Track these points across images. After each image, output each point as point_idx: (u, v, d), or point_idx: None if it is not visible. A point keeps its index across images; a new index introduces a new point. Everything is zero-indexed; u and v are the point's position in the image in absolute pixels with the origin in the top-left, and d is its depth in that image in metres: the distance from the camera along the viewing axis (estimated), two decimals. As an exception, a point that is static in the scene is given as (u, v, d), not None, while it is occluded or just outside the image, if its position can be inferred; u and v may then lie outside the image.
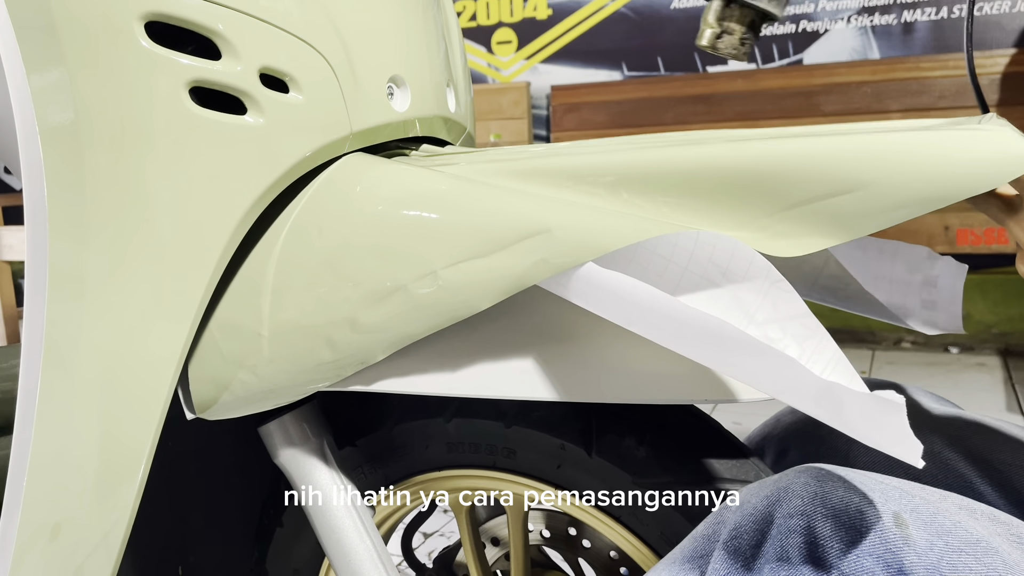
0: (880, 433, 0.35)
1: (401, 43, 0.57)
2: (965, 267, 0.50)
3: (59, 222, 0.47)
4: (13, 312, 2.54)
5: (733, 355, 0.40)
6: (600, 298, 0.43)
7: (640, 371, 0.50)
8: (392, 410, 0.68)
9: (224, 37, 0.47)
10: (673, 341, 0.41)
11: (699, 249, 0.45)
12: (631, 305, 0.42)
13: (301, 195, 0.52)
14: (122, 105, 0.47)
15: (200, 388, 0.52)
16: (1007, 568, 0.37)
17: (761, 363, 0.39)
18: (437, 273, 0.46)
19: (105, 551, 0.52)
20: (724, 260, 0.45)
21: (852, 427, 0.36)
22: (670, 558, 0.47)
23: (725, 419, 0.72)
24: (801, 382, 0.38)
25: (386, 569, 0.59)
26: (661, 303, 0.42)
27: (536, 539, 0.81)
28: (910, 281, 0.64)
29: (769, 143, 0.45)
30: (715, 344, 0.40)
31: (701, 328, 0.40)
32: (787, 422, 0.76)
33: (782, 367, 0.38)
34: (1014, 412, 2.39)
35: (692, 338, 0.41)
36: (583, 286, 0.44)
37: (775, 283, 0.44)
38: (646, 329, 0.42)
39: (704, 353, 0.41)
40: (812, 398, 0.38)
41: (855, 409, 0.36)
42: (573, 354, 0.50)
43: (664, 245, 0.46)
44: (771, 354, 0.39)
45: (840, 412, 0.36)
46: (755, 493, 0.44)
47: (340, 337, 0.49)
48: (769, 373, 0.39)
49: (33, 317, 0.48)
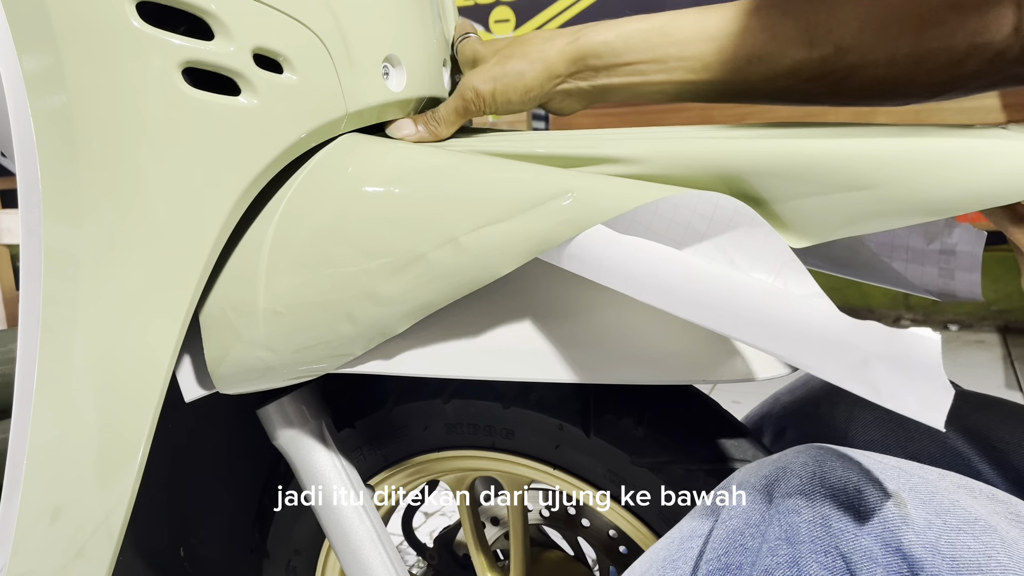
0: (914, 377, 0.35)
1: (396, 22, 0.57)
2: (984, 234, 0.50)
3: (54, 205, 0.47)
4: (13, 295, 2.53)
5: (756, 313, 0.39)
6: (613, 266, 0.43)
7: (639, 352, 0.49)
8: (391, 391, 0.68)
9: (217, 17, 0.47)
10: (688, 307, 0.41)
11: (718, 213, 0.45)
12: (647, 270, 0.42)
13: (297, 174, 0.51)
14: (114, 87, 0.46)
15: (218, 368, 0.52)
16: (1005, 546, 0.37)
17: (785, 320, 0.38)
18: (458, 240, 0.46)
19: (106, 533, 0.52)
20: (726, 219, 0.45)
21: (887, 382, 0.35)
22: (669, 537, 0.47)
23: (724, 399, 0.72)
24: (828, 336, 0.37)
25: (386, 550, 0.59)
26: (680, 264, 0.41)
27: (536, 518, 0.81)
28: (927, 250, 0.63)
29: (787, 140, 0.45)
30: (735, 305, 0.40)
31: (723, 286, 0.40)
32: (785, 402, 0.76)
33: (808, 320, 0.38)
34: (1013, 389, 2.40)
35: (710, 300, 0.40)
36: (595, 255, 0.44)
37: (787, 261, 0.44)
38: (660, 296, 0.42)
39: (722, 314, 0.40)
40: (840, 354, 0.37)
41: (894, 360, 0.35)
42: (571, 335, 0.50)
43: (684, 213, 0.46)
44: (797, 308, 0.38)
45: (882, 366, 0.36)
46: (753, 472, 0.44)
47: (360, 310, 0.48)
48: (792, 330, 0.38)
49: (29, 300, 0.48)
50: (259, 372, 0.52)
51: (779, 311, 0.39)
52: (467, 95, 0.59)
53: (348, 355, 0.50)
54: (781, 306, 0.39)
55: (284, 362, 0.51)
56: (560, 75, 0.58)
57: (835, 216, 0.44)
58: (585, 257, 0.44)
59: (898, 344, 0.35)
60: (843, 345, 0.37)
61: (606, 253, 0.43)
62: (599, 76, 0.58)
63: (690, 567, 0.44)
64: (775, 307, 0.39)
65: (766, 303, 0.39)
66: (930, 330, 0.35)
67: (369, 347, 0.50)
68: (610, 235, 0.44)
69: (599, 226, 0.44)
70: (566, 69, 0.58)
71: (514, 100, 0.59)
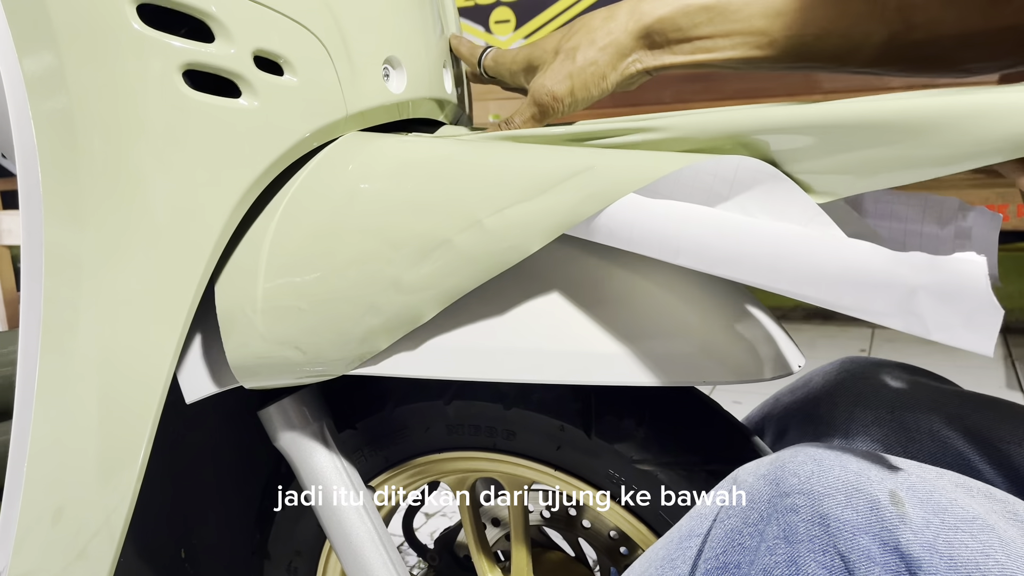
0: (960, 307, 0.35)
1: (396, 24, 0.57)
2: (999, 216, 0.50)
3: (54, 207, 0.47)
4: (14, 296, 2.53)
5: (794, 260, 0.39)
6: (644, 232, 0.43)
7: (640, 353, 0.50)
8: (392, 393, 0.68)
9: (217, 19, 0.47)
10: (724, 263, 0.41)
11: (739, 175, 0.45)
12: (680, 230, 0.42)
13: (301, 171, 0.52)
14: (115, 89, 0.46)
15: (241, 364, 0.52)
16: (1003, 545, 0.37)
17: (826, 262, 0.38)
18: (482, 222, 0.46)
19: (107, 534, 0.52)
20: (748, 179, 0.45)
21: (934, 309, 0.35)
22: (668, 537, 0.47)
23: (724, 399, 0.72)
24: (872, 272, 0.37)
25: (387, 551, 0.59)
26: (712, 220, 0.41)
27: (536, 519, 0.81)
28: (941, 234, 0.62)
29: (806, 105, 0.44)
30: (772, 255, 0.39)
31: (757, 237, 0.40)
32: (786, 402, 0.76)
33: (850, 259, 0.37)
34: (1014, 389, 2.39)
35: (746, 252, 0.40)
36: (625, 223, 0.43)
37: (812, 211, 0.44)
38: (695, 255, 0.42)
39: (759, 266, 0.40)
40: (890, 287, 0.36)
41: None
42: (572, 336, 0.50)
43: (705, 178, 0.46)
44: (837, 248, 0.38)
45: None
46: (752, 472, 0.44)
47: (384, 300, 0.48)
48: (834, 272, 0.38)
49: (30, 301, 0.48)
50: (282, 367, 0.51)
51: (819, 255, 0.39)
52: (543, 100, 0.58)
53: (373, 349, 0.50)
54: (820, 249, 0.39)
55: (309, 358, 0.51)
56: (629, 54, 0.57)
57: (856, 170, 0.43)
58: (614, 226, 0.44)
59: (943, 270, 0.35)
60: (888, 278, 0.37)
61: (636, 219, 0.43)
62: (663, 54, 0.57)
63: (689, 566, 0.44)
64: (814, 251, 0.39)
65: (804, 248, 0.39)
66: (974, 254, 0.35)
67: (395, 338, 0.49)
68: (639, 201, 0.43)
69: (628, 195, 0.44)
70: (634, 46, 0.57)
71: (593, 92, 0.58)
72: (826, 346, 2.78)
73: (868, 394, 0.69)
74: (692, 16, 0.55)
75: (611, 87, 0.58)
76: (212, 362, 0.55)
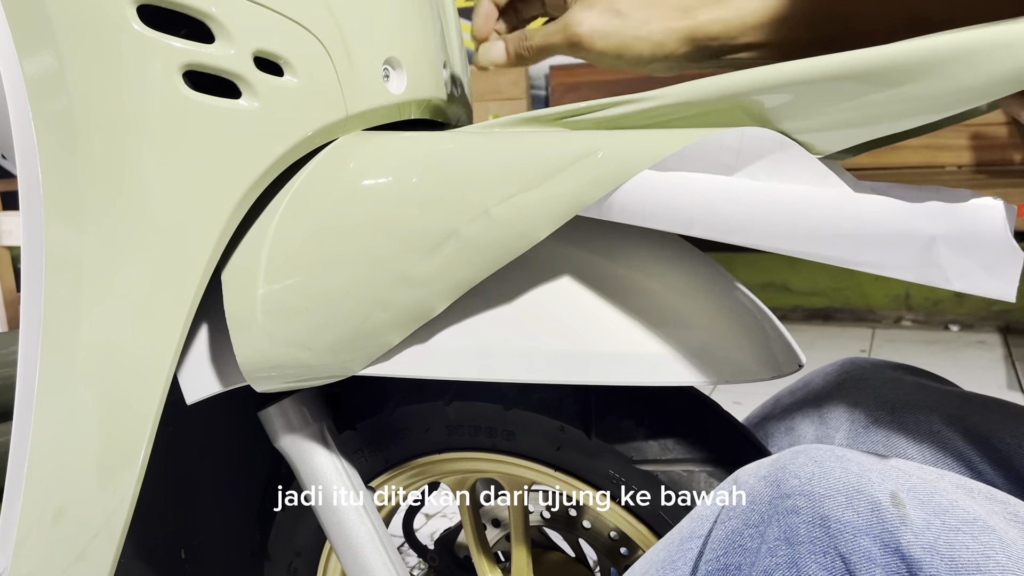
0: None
1: (396, 24, 0.57)
2: (1015, 208, 0.50)
3: (55, 207, 0.47)
4: (14, 297, 2.54)
5: (811, 220, 0.39)
6: (657, 205, 0.43)
7: (640, 354, 0.50)
8: (392, 393, 0.68)
9: (217, 20, 0.47)
10: (739, 230, 0.41)
11: (745, 144, 0.44)
12: (692, 200, 0.42)
13: (303, 170, 0.52)
14: (116, 90, 0.46)
15: (251, 367, 0.51)
16: (1004, 546, 0.37)
17: (844, 219, 0.38)
18: (490, 212, 0.46)
19: (107, 535, 0.52)
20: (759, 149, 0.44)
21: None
22: (668, 538, 0.47)
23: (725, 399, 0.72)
24: (890, 224, 0.37)
25: (388, 551, 0.59)
26: (724, 186, 0.41)
27: (536, 520, 0.81)
28: None
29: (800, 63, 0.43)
30: (788, 216, 0.39)
31: (771, 199, 0.40)
32: (786, 403, 0.76)
33: (867, 213, 0.37)
34: (1014, 390, 2.39)
35: (761, 216, 0.40)
36: (638, 198, 0.43)
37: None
38: (709, 224, 0.42)
39: (775, 229, 0.40)
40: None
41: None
42: (573, 337, 0.50)
43: (711, 151, 0.45)
44: (853, 204, 0.38)
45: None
46: (752, 473, 0.44)
47: (394, 295, 0.48)
48: (851, 228, 0.38)
49: (30, 302, 0.48)
50: (293, 368, 0.51)
51: (834, 212, 0.39)
52: (572, 38, 0.54)
53: (384, 345, 0.50)
54: (835, 207, 0.39)
55: (320, 358, 0.51)
56: (671, 55, 0.55)
57: (856, 121, 0.42)
58: (627, 202, 0.44)
59: (961, 217, 0.35)
60: (905, 230, 0.37)
61: (648, 194, 0.43)
62: (710, 61, 0.55)
63: (689, 568, 0.44)
64: (829, 209, 0.39)
65: (819, 207, 0.39)
66: (991, 198, 0.35)
67: (406, 334, 0.49)
68: (649, 175, 0.43)
69: None
70: (676, 49, 0.55)
71: (626, 58, 0.54)
72: (826, 346, 2.79)
73: (868, 395, 0.69)
74: (744, 20, 0.53)
75: (638, 70, 0.56)
76: (213, 362, 0.55)
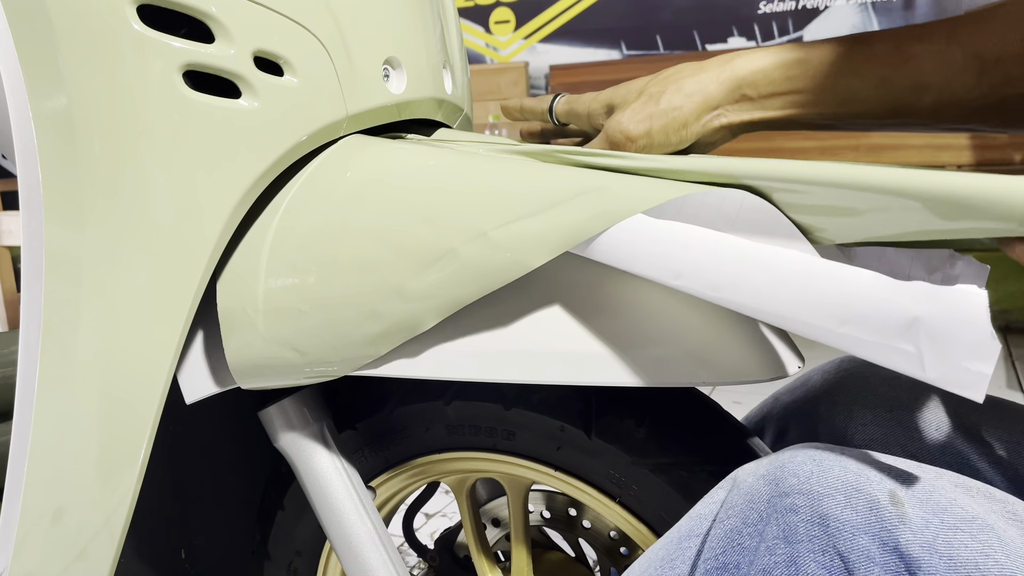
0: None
1: (396, 24, 0.57)
2: (987, 268, 0.50)
3: (55, 207, 0.47)
4: (14, 297, 2.54)
5: (798, 284, 0.39)
6: (645, 252, 0.43)
7: (640, 354, 0.50)
8: (392, 393, 0.68)
9: (217, 20, 0.47)
10: (727, 287, 0.41)
11: (742, 214, 0.45)
12: (682, 252, 0.42)
13: (302, 172, 0.52)
14: (115, 89, 0.46)
15: (239, 364, 0.52)
16: (1002, 545, 0.37)
17: (827, 288, 0.38)
18: (487, 234, 0.46)
19: (107, 535, 0.52)
20: (734, 211, 0.45)
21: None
22: (667, 537, 0.47)
23: (724, 399, 0.72)
24: (874, 298, 0.37)
25: (387, 551, 0.59)
26: (717, 243, 0.41)
27: (536, 520, 0.81)
28: (929, 279, 0.62)
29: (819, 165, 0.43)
30: (778, 276, 0.39)
31: (764, 261, 0.39)
32: (786, 402, 0.76)
33: (852, 284, 0.37)
34: (1014, 389, 2.39)
35: (750, 276, 0.40)
36: (626, 243, 0.43)
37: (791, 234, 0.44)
38: (696, 278, 0.42)
39: (761, 291, 0.40)
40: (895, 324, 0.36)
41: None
42: (573, 337, 0.50)
43: (708, 211, 0.46)
44: (838, 274, 0.38)
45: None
46: (751, 472, 0.44)
47: (387, 307, 0.48)
48: (835, 300, 0.38)
49: (30, 302, 0.48)
50: (281, 369, 0.51)
51: (821, 280, 0.39)
52: (617, 137, 0.56)
53: (372, 355, 0.50)
54: (822, 274, 0.39)
55: (307, 360, 0.51)
56: (718, 106, 0.56)
57: (864, 228, 0.43)
58: (615, 245, 0.44)
59: (945, 301, 0.35)
60: (888, 306, 0.36)
61: (637, 240, 0.43)
62: (754, 107, 0.56)
63: (688, 567, 0.44)
64: (816, 276, 0.39)
65: (806, 273, 0.39)
66: (976, 287, 0.34)
67: (394, 346, 0.49)
68: (641, 221, 0.43)
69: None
70: (723, 99, 0.56)
71: (672, 138, 0.56)
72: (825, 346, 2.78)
73: (867, 393, 0.69)
74: (787, 69, 0.54)
75: (691, 138, 0.57)
76: (212, 362, 0.55)
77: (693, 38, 3.37)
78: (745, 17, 3.33)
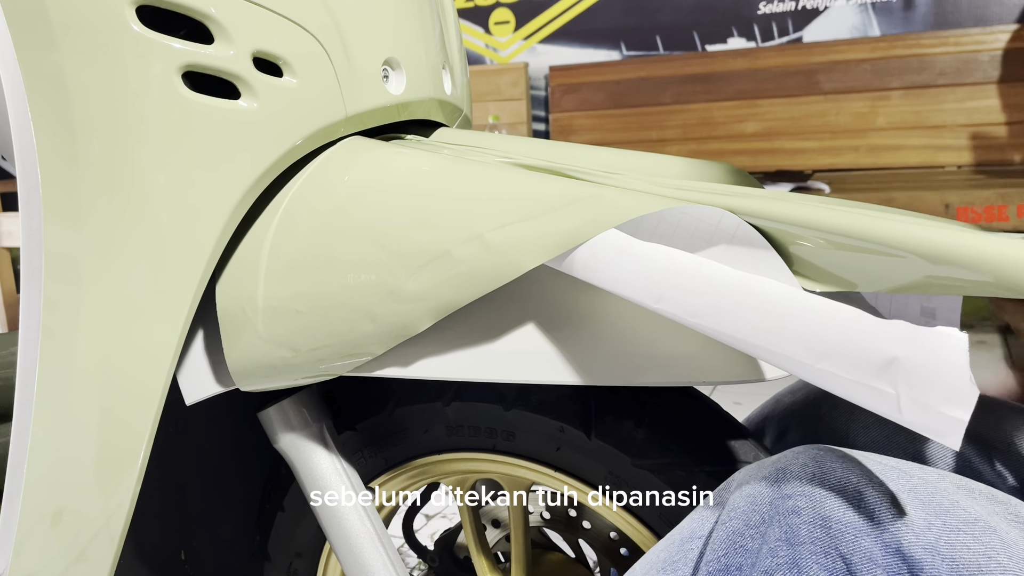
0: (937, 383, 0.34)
1: (395, 25, 0.57)
2: (960, 298, 0.48)
3: (54, 208, 0.47)
4: (14, 298, 2.54)
5: (780, 316, 0.38)
6: (627, 272, 0.43)
7: (640, 354, 0.49)
8: (391, 394, 0.68)
9: (216, 21, 0.47)
10: (708, 314, 0.41)
11: (718, 235, 0.46)
12: (665, 275, 0.42)
13: (301, 173, 0.52)
14: (115, 90, 0.46)
15: (237, 364, 0.52)
16: (1005, 547, 0.37)
17: (807, 322, 0.38)
18: (483, 236, 0.46)
19: (107, 536, 0.52)
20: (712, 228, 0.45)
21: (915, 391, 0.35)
22: (669, 538, 0.47)
23: (725, 400, 0.72)
24: (853, 334, 0.36)
25: (387, 552, 0.59)
26: (701, 268, 0.41)
27: (536, 521, 0.81)
28: (907, 302, 0.62)
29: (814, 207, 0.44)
30: (760, 306, 0.39)
31: (747, 290, 0.40)
32: (787, 403, 0.76)
33: (832, 319, 0.37)
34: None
35: (732, 304, 0.40)
36: (609, 262, 0.44)
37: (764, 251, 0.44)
38: (677, 303, 0.42)
39: (743, 319, 0.40)
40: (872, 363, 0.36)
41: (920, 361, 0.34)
42: (572, 337, 0.50)
43: (691, 221, 0.47)
44: (819, 308, 0.38)
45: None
46: (753, 474, 0.44)
47: (382, 309, 0.48)
48: (813, 333, 0.37)
49: (30, 303, 0.48)
50: (278, 369, 0.51)
51: (804, 313, 0.38)
52: None
53: (367, 355, 0.50)
54: (806, 308, 0.38)
55: (304, 360, 0.51)
56: None
57: (851, 272, 0.44)
58: (598, 264, 0.44)
59: (924, 342, 0.35)
60: (868, 344, 0.36)
61: (620, 259, 0.44)
62: None
63: (690, 569, 0.44)
64: (800, 310, 0.39)
65: (790, 306, 0.39)
66: (956, 330, 0.34)
67: (389, 347, 0.50)
68: (624, 240, 0.44)
69: (612, 233, 0.44)
70: None
71: None
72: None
73: (868, 395, 0.69)
74: None
75: None
76: (213, 363, 0.55)
77: (693, 38, 3.37)
78: (745, 17, 3.33)
